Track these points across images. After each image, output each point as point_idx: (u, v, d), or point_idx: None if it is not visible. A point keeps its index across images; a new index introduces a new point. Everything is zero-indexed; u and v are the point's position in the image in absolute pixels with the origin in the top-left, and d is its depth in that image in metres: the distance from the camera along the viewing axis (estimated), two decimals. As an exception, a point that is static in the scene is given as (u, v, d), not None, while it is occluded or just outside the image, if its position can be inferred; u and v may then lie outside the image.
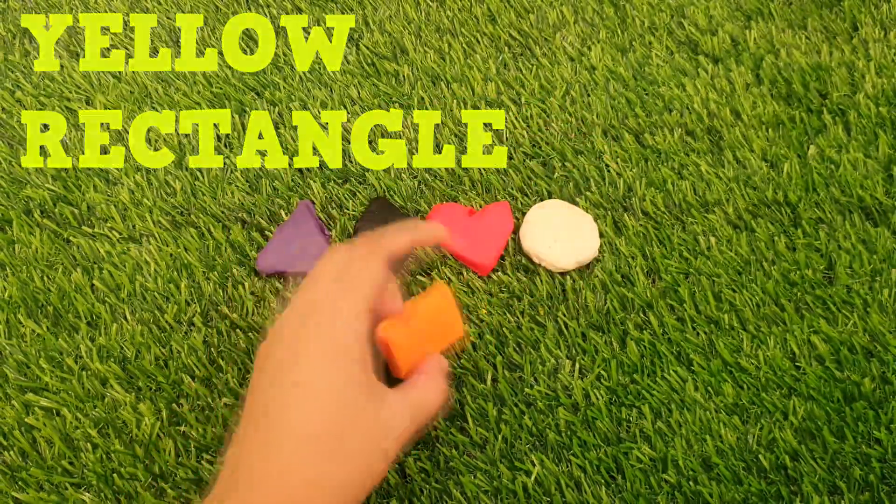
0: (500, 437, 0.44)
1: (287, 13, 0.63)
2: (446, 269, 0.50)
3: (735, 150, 0.54)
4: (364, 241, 0.39)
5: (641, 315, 0.48)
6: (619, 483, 0.43)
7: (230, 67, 0.60)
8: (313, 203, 0.53)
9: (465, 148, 0.55)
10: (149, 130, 0.57)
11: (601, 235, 0.51)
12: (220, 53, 0.60)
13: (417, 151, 0.55)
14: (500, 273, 0.50)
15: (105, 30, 0.62)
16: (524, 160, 0.54)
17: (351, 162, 0.55)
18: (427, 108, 0.57)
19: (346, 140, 0.56)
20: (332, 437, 0.34)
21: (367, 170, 0.54)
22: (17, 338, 0.49)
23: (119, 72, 0.60)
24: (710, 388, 0.45)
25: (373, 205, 0.51)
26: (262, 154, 0.55)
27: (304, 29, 0.62)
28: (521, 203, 0.52)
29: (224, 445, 0.36)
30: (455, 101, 0.57)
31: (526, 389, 0.46)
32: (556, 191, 0.53)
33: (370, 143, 0.56)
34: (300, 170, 0.55)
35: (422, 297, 0.43)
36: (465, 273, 0.50)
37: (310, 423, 0.34)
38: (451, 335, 0.43)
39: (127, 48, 0.61)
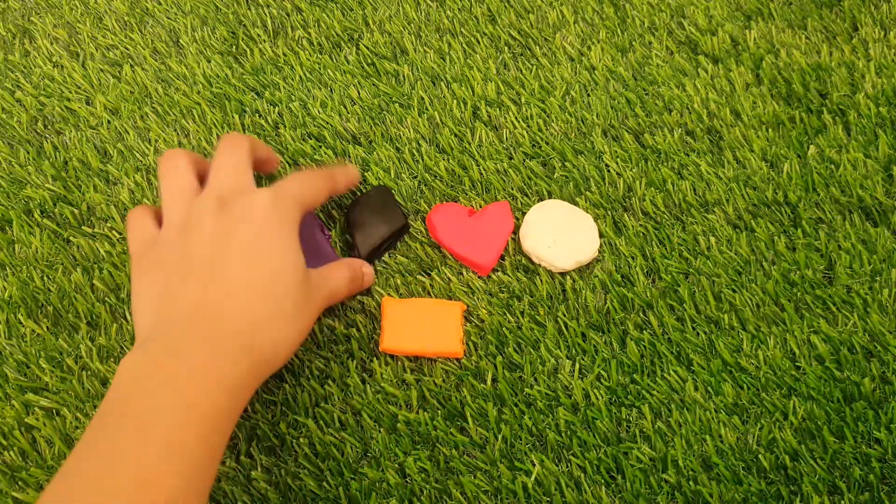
0: (500, 437, 0.44)
1: (287, 13, 0.63)
2: (446, 270, 0.50)
3: (735, 150, 0.54)
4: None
5: (641, 315, 0.48)
6: (619, 483, 0.43)
7: (230, 67, 0.60)
8: (313, 203, 0.53)
9: (465, 147, 0.55)
10: (149, 130, 0.57)
11: (601, 235, 0.51)
12: (220, 53, 0.60)
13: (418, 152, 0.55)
14: (500, 273, 0.50)
15: (105, 30, 0.62)
16: (524, 160, 0.54)
17: (351, 162, 0.55)
18: (427, 109, 0.57)
19: (345, 140, 0.56)
20: (270, 281, 0.39)
21: (367, 169, 0.54)
22: (17, 338, 0.49)
23: (119, 72, 0.60)
24: (710, 388, 0.45)
25: (373, 191, 0.51)
26: (262, 154, 0.55)
27: (303, 28, 0.61)
28: (521, 203, 0.52)
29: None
30: (455, 101, 0.57)
31: (526, 389, 0.46)
32: (556, 191, 0.53)
33: (370, 142, 0.56)
34: (300, 170, 0.55)
35: (433, 300, 0.48)
36: (465, 273, 0.50)
37: (246, 273, 0.39)
38: (443, 345, 0.46)
39: (127, 48, 0.61)
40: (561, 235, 0.49)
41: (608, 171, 0.54)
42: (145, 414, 0.35)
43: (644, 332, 0.47)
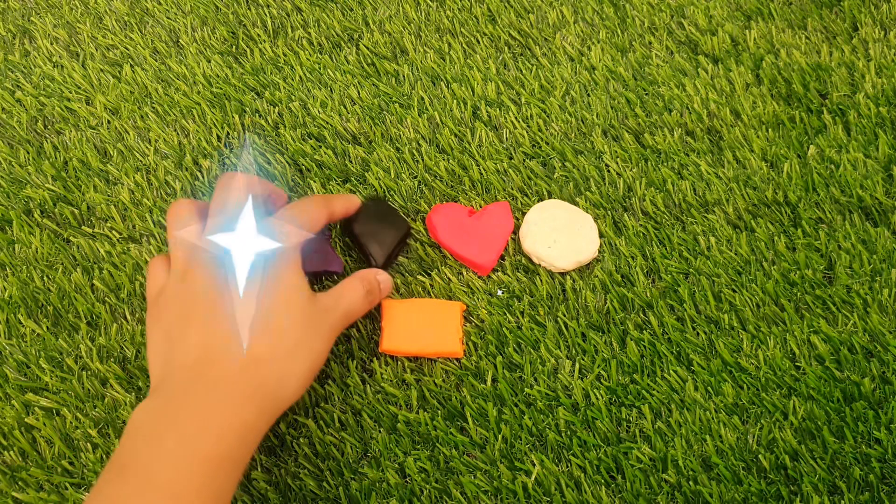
0: (500, 437, 0.44)
1: (287, 13, 0.63)
2: (446, 270, 0.50)
3: (735, 150, 0.54)
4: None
5: (641, 315, 0.48)
6: (619, 483, 0.43)
7: (230, 67, 0.60)
8: (313, 203, 0.53)
9: (465, 147, 0.55)
10: (149, 130, 0.57)
11: (601, 235, 0.51)
12: (221, 53, 0.60)
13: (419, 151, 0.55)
14: (500, 273, 0.50)
15: (105, 30, 0.62)
16: (524, 160, 0.54)
17: (351, 162, 0.55)
18: (427, 109, 0.57)
19: (345, 140, 0.56)
20: (268, 316, 0.39)
21: (367, 169, 0.54)
22: (17, 338, 0.49)
23: (119, 72, 0.60)
24: (710, 388, 0.45)
25: (371, 203, 0.51)
26: (262, 154, 0.55)
27: (303, 28, 0.61)
28: (521, 203, 0.52)
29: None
30: (455, 101, 0.57)
31: (526, 389, 0.46)
32: (556, 191, 0.53)
33: (370, 142, 0.56)
34: (300, 169, 0.55)
35: (433, 300, 0.48)
36: (465, 273, 0.50)
37: (243, 310, 0.39)
38: (443, 345, 0.46)
39: (127, 48, 0.61)
40: (561, 236, 0.49)
41: (608, 171, 0.54)
42: (147, 464, 0.35)
43: (644, 332, 0.47)
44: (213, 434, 0.36)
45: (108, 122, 0.57)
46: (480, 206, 0.52)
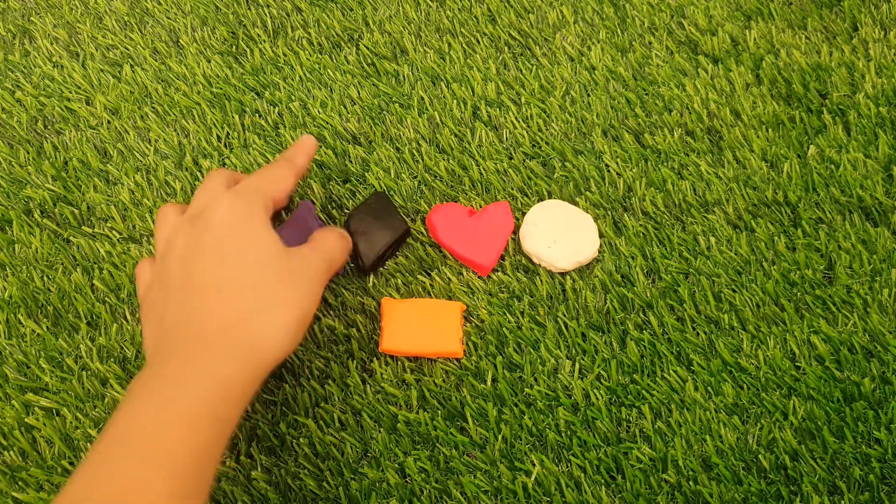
0: (500, 437, 0.44)
1: (287, 13, 0.63)
2: (446, 269, 0.50)
3: (735, 150, 0.54)
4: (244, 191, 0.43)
5: (641, 315, 0.48)
6: (619, 483, 0.43)
7: (230, 67, 0.60)
8: (313, 203, 0.53)
9: (465, 147, 0.55)
10: (149, 130, 0.57)
11: (601, 235, 0.51)
12: (221, 53, 0.60)
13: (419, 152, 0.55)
14: (500, 273, 0.50)
15: (105, 30, 0.62)
16: (524, 160, 0.54)
17: (351, 162, 0.55)
18: (427, 109, 0.57)
19: (345, 140, 0.56)
20: (242, 275, 0.40)
21: (367, 169, 0.54)
22: (17, 338, 0.49)
23: (119, 72, 0.60)
24: (710, 388, 0.45)
25: (372, 198, 0.50)
26: (262, 154, 0.55)
27: (303, 28, 0.61)
28: (521, 203, 0.52)
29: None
30: (455, 101, 0.57)
31: (526, 389, 0.46)
32: (556, 191, 0.53)
33: (370, 142, 0.56)
34: (300, 170, 0.55)
35: (433, 300, 0.48)
36: (465, 273, 0.50)
37: (217, 272, 0.40)
38: (443, 345, 0.46)
39: (127, 48, 0.61)
40: (561, 236, 0.49)
41: (608, 171, 0.54)
42: (128, 424, 0.36)
43: (644, 332, 0.47)
44: (190, 391, 0.37)
45: (108, 122, 0.57)
46: (480, 206, 0.52)
